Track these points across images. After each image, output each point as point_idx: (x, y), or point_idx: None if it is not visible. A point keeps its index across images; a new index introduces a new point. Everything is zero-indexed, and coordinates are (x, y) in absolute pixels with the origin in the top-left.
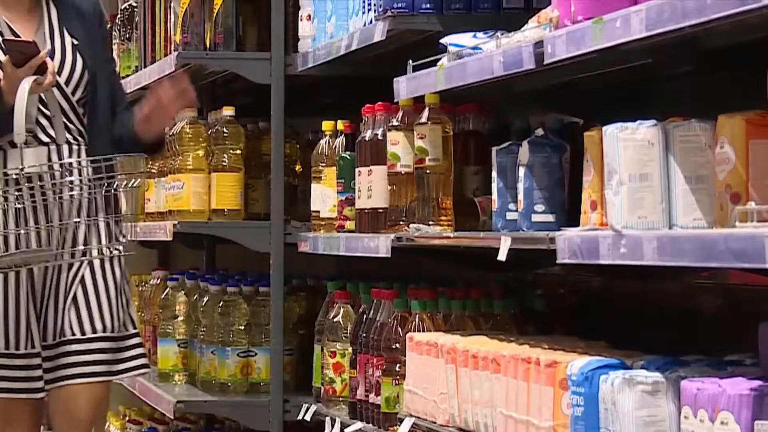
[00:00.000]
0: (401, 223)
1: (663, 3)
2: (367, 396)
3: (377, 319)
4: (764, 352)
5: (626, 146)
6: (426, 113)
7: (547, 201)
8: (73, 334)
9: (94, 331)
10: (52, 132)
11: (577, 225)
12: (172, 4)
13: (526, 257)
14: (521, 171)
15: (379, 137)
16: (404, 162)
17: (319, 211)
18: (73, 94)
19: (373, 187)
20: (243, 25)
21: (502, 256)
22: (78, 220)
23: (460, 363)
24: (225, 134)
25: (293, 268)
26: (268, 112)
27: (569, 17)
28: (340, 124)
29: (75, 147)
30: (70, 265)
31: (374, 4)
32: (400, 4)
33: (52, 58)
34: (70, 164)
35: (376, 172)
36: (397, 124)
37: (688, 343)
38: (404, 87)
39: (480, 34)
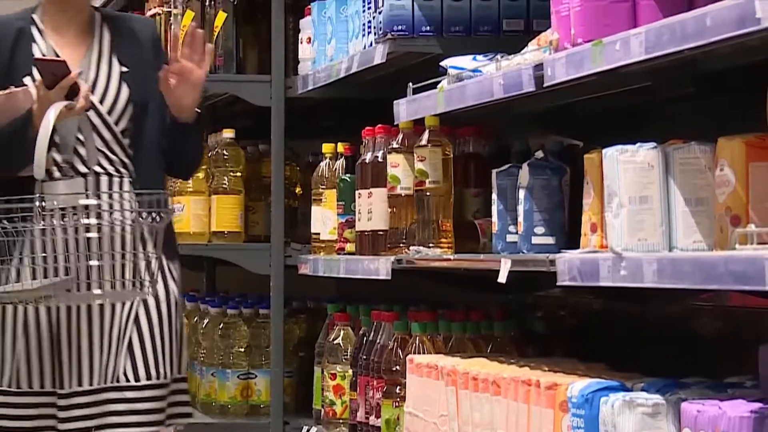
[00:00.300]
0: (401, 245)
1: (662, 26)
2: (367, 418)
3: (377, 341)
4: (764, 374)
5: (626, 169)
6: (426, 136)
7: (547, 223)
8: (128, 380)
9: (149, 377)
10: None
11: (577, 247)
12: (173, 27)
13: (526, 279)
14: (521, 193)
15: (380, 159)
16: (404, 184)
17: (319, 234)
18: (116, 124)
19: (373, 210)
20: (243, 47)
21: (502, 278)
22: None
23: (460, 385)
24: (225, 156)
25: (293, 291)
26: (269, 135)
27: (569, 40)
28: (341, 147)
29: (117, 179)
30: (124, 305)
31: (374, 27)
32: (400, 27)
33: (95, 86)
34: (110, 197)
35: (377, 195)
36: (397, 146)
37: (688, 366)
38: (404, 109)
39: (480, 57)
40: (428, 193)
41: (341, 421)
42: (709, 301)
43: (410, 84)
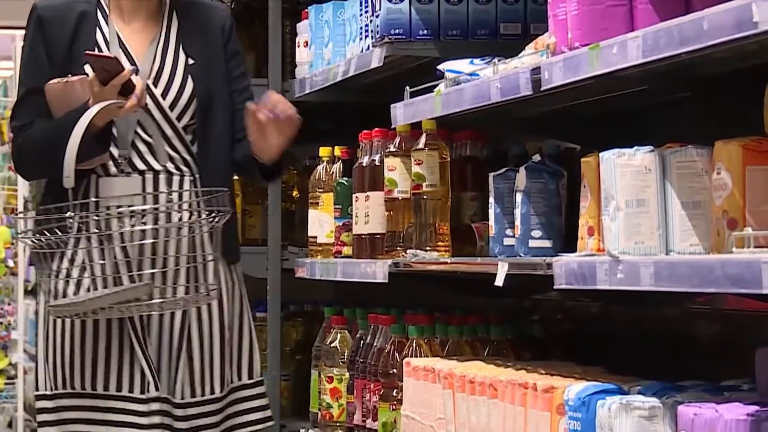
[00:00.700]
0: (398, 248)
1: (659, 29)
2: (364, 421)
3: (374, 344)
4: (761, 377)
5: (623, 172)
6: (423, 139)
7: (544, 227)
8: (182, 398)
9: (203, 393)
10: (150, 159)
11: (574, 251)
12: None
13: (523, 283)
14: (518, 197)
15: (377, 163)
16: (401, 188)
17: (316, 237)
18: (178, 119)
19: (370, 213)
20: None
21: (499, 281)
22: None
23: (457, 388)
24: None
25: (290, 294)
26: None
27: (566, 44)
28: (338, 150)
29: (177, 177)
30: (173, 315)
31: (371, 31)
32: (397, 31)
33: (158, 79)
34: (168, 196)
35: (374, 198)
36: (394, 150)
37: (685, 369)
38: (401, 113)
39: (477, 61)
40: (425, 197)
41: (338, 424)
42: (706, 305)
43: (407, 87)
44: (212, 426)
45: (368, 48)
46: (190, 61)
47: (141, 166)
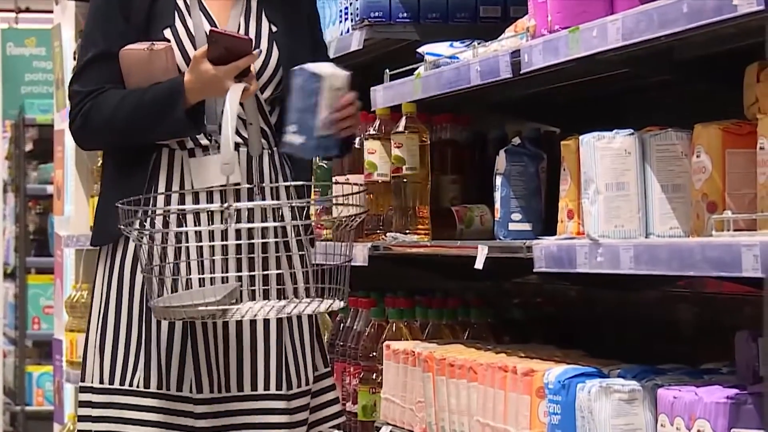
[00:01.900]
0: (378, 231)
1: (639, 13)
2: (344, 404)
3: (354, 327)
4: (740, 360)
5: (603, 155)
6: (403, 122)
7: (524, 210)
8: (269, 389)
9: (298, 384)
10: (243, 132)
11: (554, 234)
12: None
13: (503, 266)
14: (498, 180)
15: (356, 146)
16: (381, 171)
17: None
18: (262, 91)
19: (350, 196)
20: None
21: (479, 264)
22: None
23: (437, 371)
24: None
25: None
26: None
27: (546, 26)
28: None
29: (267, 152)
30: None
31: (351, 14)
32: (377, 14)
33: None
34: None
35: (354, 181)
36: (374, 133)
37: (665, 352)
38: (381, 96)
39: (457, 44)
40: (405, 180)
41: None
42: (685, 288)
43: (387, 70)
44: (302, 423)
45: (348, 31)
46: (273, 28)
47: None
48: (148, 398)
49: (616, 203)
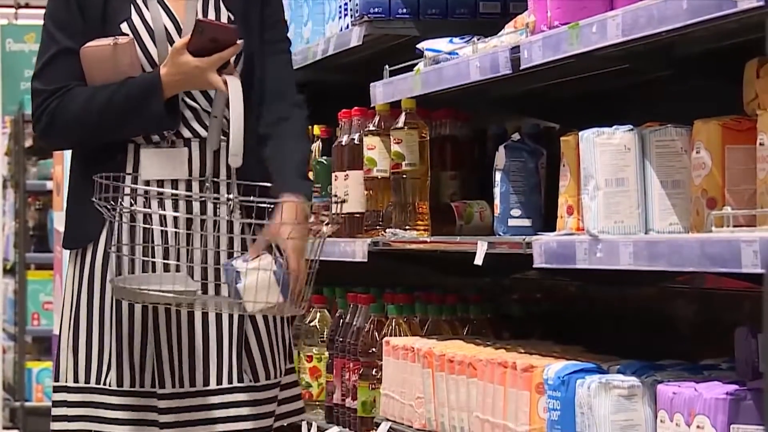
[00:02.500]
0: (378, 227)
1: (639, 8)
2: (343, 400)
3: (354, 323)
4: (740, 356)
5: (603, 151)
6: (402, 118)
7: (524, 206)
8: (242, 381)
9: (267, 377)
10: (195, 125)
11: (554, 230)
12: None
13: (502, 262)
14: (498, 175)
15: (356, 142)
16: (381, 167)
17: None
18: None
19: (349, 192)
20: None
21: (478, 260)
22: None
23: (436, 367)
24: None
25: None
26: None
27: (546, 22)
28: (317, 129)
29: (223, 144)
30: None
31: (351, 9)
32: (376, 9)
33: None
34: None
35: (353, 177)
36: (373, 129)
37: (664, 348)
38: (381, 92)
39: (456, 39)
40: (405, 176)
41: (317, 403)
42: (685, 284)
43: (387, 66)
44: (269, 415)
45: (347, 27)
46: (231, 17)
47: (186, 133)
48: (122, 396)
49: (616, 199)
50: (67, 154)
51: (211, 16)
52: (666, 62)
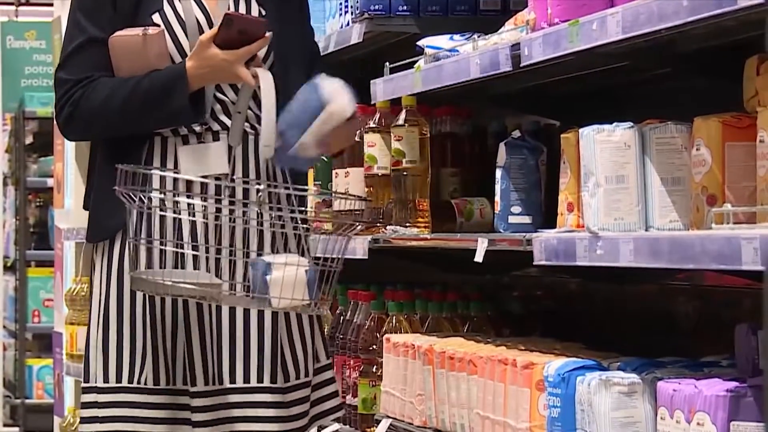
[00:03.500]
0: (378, 224)
1: (639, 5)
2: (344, 397)
3: (354, 320)
4: (740, 353)
5: (603, 148)
6: (403, 115)
7: (524, 203)
8: (263, 381)
9: (289, 378)
10: (224, 118)
11: (554, 227)
12: None
13: (502, 259)
14: (498, 173)
15: (356, 139)
16: (381, 164)
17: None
18: None
19: (350, 189)
20: None
21: (479, 257)
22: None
23: (437, 364)
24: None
25: None
26: None
27: (546, 20)
28: None
29: (251, 137)
30: None
31: (351, 7)
32: (376, 7)
33: None
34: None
35: (353, 174)
36: (374, 126)
37: (664, 345)
38: (381, 89)
39: (457, 37)
40: (405, 173)
41: None
42: (685, 281)
43: (387, 63)
44: (299, 416)
45: (348, 24)
46: (263, 12)
47: (215, 126)
48: (156, 395)
49: (616, 196)
50: (69, 151)
51: (242, 10)
52: (666, 59)
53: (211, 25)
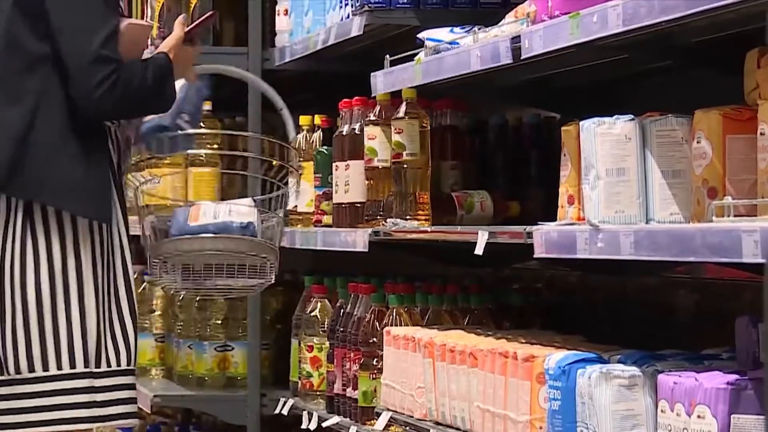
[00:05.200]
0: (378, 217)
1: None
2: (344, 390)
3: (354, 313)
4: (741, 346)
5: (603, 141)
6: (403, 108)
7: None
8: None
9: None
10: None
11: (554, 219)
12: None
13: (503, 252)
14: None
15: (357, 132)
16: (381, 157)
17: (296, 206)
18: None
19: (350, 182)
20: (220, 19)
21: (479, 250)
22: None
23: (437, 357)
24: (202, 129)
25: None
26: (245, 107)
27: (546, 12)
28: (318, 119)
29: None
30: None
31: None
32: None
33: None
34: None
35: (354, 167)
36: (374, 118)
37: (665, 338)
38: (381, 82)
39: (457, 29)
40: (405, 166)
41: (318, 393)
42: (685, 274)
43: (387, 56)
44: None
45: (348, 16)
46: None
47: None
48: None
49: (617, 189)
50: None
51: None
52: (667, 52)
53: None
